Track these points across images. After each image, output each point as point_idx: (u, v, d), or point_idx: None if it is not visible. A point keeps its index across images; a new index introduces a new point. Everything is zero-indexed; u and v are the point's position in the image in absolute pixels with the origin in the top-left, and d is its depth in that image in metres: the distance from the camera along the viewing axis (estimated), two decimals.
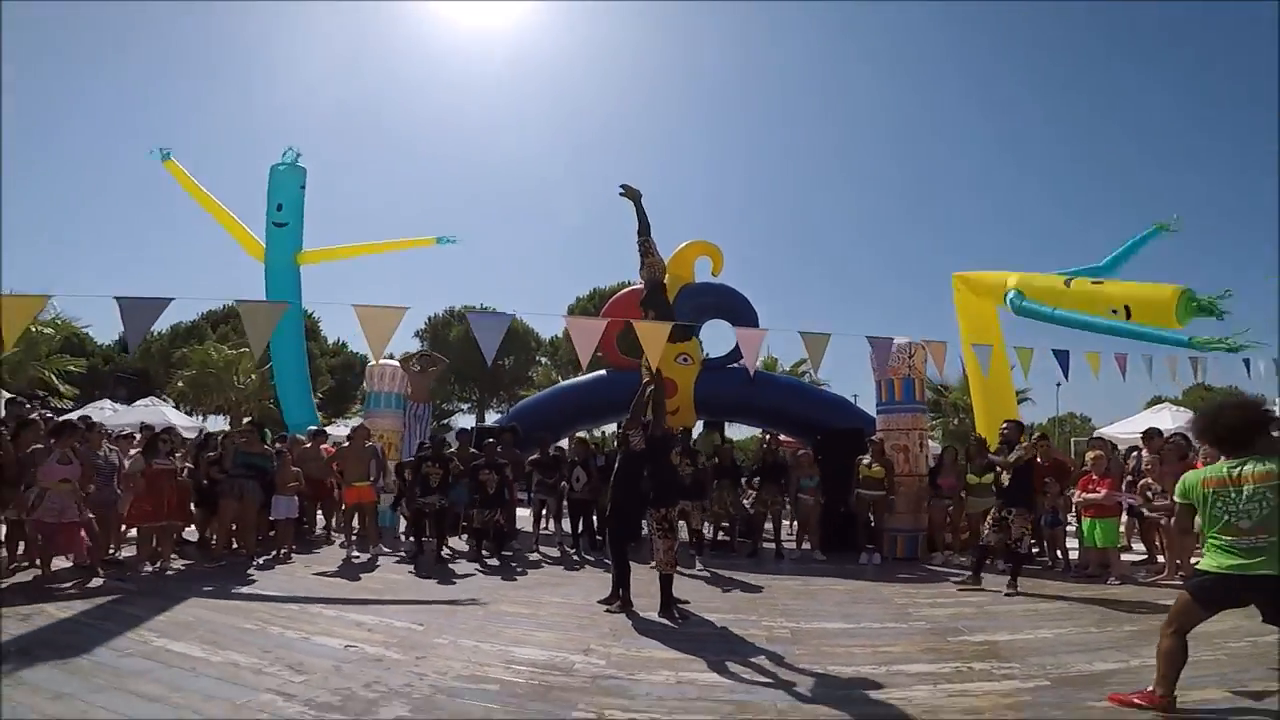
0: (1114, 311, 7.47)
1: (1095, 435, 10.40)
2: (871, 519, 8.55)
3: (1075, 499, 7.36)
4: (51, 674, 3.54)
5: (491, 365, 34.24)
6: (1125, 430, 11.37)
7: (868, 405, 10.41)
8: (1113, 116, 79.76)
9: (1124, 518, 7.98)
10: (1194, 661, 4.02)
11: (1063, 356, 6.84)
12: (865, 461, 8.42)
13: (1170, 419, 11.94)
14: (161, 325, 6.16)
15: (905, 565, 8.14)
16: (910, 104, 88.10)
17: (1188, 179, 74.59)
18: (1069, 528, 8.08)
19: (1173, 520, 6.23)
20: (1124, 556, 7.80)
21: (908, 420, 9.05)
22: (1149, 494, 7.04)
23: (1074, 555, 7.58)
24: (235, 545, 7.73)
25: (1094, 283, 8.08)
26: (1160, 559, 7.23)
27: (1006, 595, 6.31)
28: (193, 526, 7.80)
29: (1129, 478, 7.67)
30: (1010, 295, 8.73)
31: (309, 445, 9.30)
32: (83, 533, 5.96)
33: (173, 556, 6.91)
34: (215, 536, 7.67)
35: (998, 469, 6.95)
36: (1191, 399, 29.75)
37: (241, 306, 5.12)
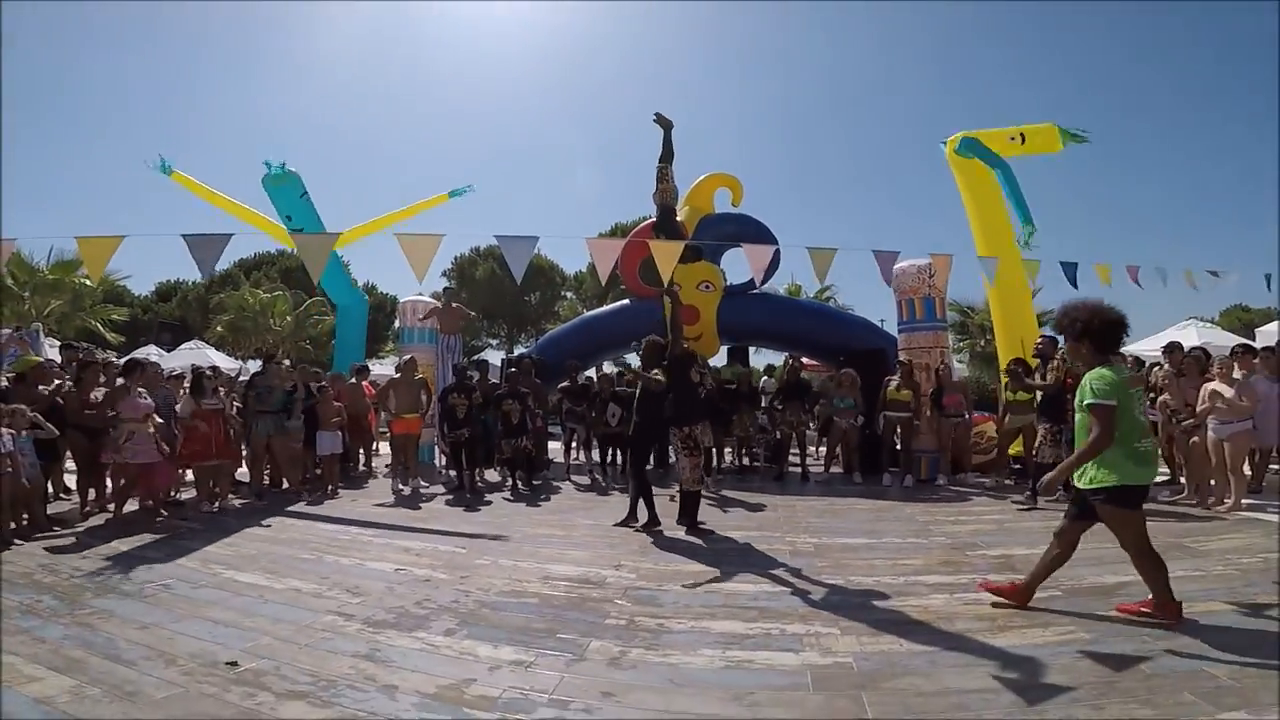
0: (1011, 139, 9.39)
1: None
2: (898, 441, 8.70)
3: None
4: (135, 606, 3.86)
5: (518, 300, 34.74)
6: (1150, 348, 11.17)
7: (895, 328, 10.44)
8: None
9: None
10: (1206, 574, 4.22)
11: (1070, 268, 6.71)
12: (893, 384, 8.50)
13: (1196, 335, 11.70)
14: (197, 273, 6.27)
15: (929, 485, 8.29)
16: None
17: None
18: None
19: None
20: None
21: (929, 339, 9.09)
22: (1168, 410, 7.00)
23: None
24: (285, 485, 8.09)
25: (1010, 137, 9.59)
26: (1182, 480, 7.18)
27: (1020, 509, 6.56)
28: (244, 466, 8.13)
29: (1150, 394, 7.63)
30: (960, 144, 9.41)
31: (353, 381, 9.56)
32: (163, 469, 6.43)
33: (230, 495, 7.28)
34: (252, 473, 7.94)
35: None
36: (1229, 320, 28.84)
37: (296, 239, 5.38)
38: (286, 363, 8.77)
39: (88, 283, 18.91)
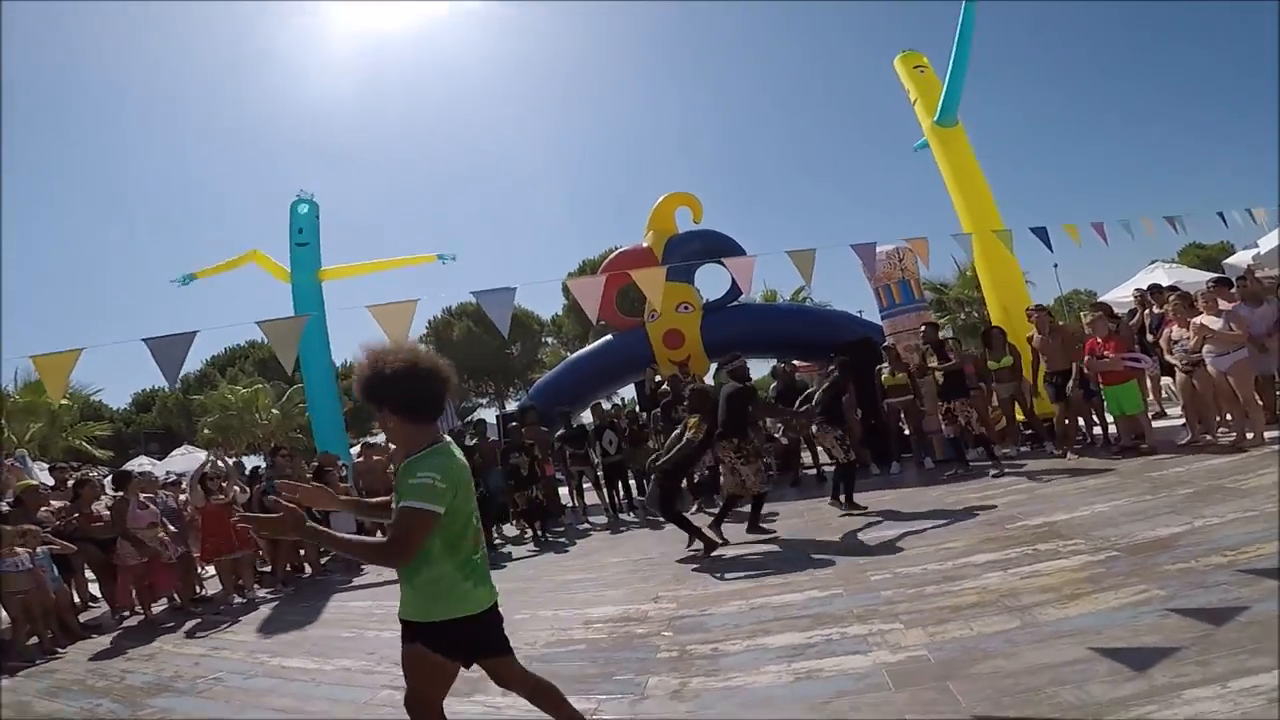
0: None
1: (1097, 302, 10.38)
2: (905, 427, 8.65)
3: (1085, 364, 7.31)
4: (193, 703, 3.79)
5: (500, 354, 34.53)
6: (1123, 295, 11.36)
7: (873, 317, 10.52)
8: None
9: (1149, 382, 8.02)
10: (1259, 513, 4.03)
11: (1041, 232, 6.85)
12: (885, 370, 8.47)
13: (1165, 276, 11.94)
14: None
15: (946, 464, 8.14)
16: None
17: None
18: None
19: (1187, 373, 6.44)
20: (1158, 421, 7.84)
21: (913, 320, 9.11)
22: (1173, 343, 6.76)
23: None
24: (309, 570, 7.99)
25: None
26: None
27: (994, 477, 6.75)
28: (263, 555, 8.02)
29: (1149, 338, 7.66)
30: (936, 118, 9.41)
31: (361, 459, 9.44)
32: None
33: (255, 585, 7.19)
34: (275, 563, 7.89)
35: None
36: (1187, 258, 29.79)
37: (264, 326, 5.21)
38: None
39: (64, 402, 18.59)
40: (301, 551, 7.98)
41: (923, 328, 8.03)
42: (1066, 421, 7.55)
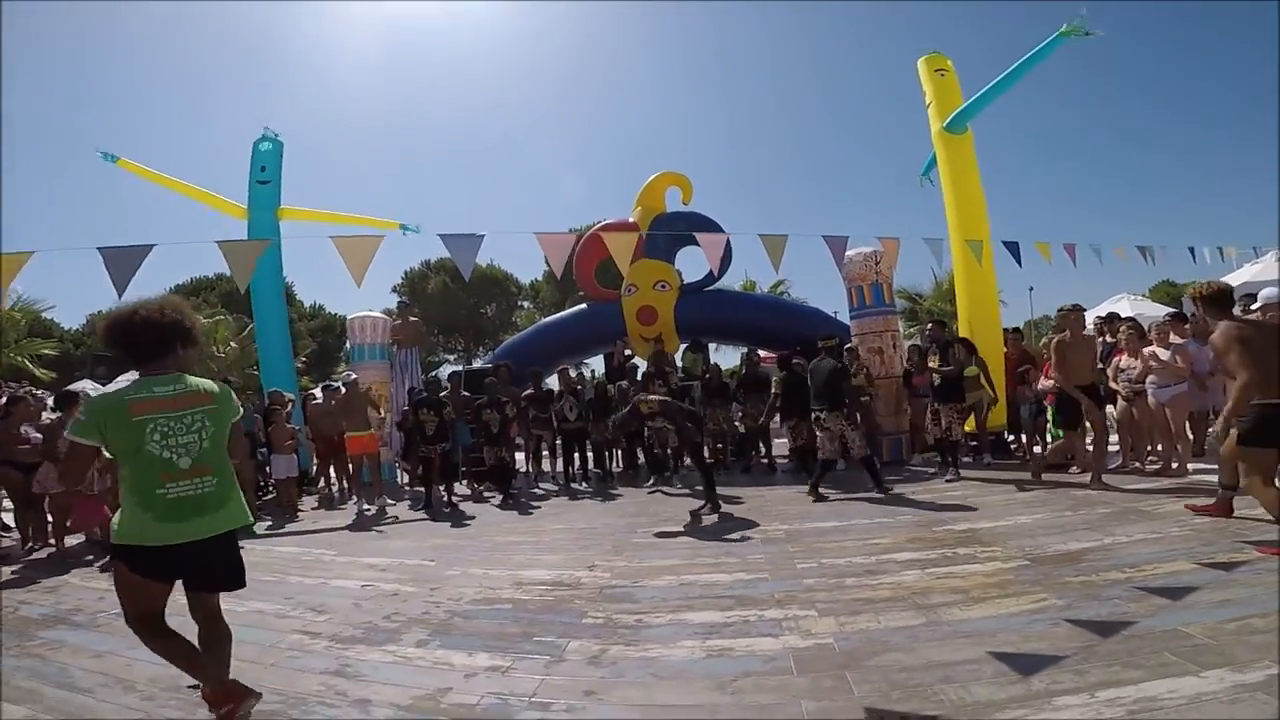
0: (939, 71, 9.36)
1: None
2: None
3: (1040, 385, 7.53)
4: (89, 636, 3.71)
5: (474, 311, 34.28)
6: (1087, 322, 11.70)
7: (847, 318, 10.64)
8: None
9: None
10: (1164, 536, 4.31)
11: (1013, 247, 7.00)
12: None
13: (1129, 307, 12.24)
14: (128, 299, 6.10)
15: (891, 467, 8.37)
16: None
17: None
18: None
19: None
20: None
21: (879, 323, 9.28)
22: (1120, 371, 6.97)
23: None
24: None
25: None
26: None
27: (948, 482, 6.94)
28: None
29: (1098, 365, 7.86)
30: (952, 120, 9.14)
31: (319, 401, 9.33)
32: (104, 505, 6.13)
33: None
34: None
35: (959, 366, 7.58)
36: (1158, 294, 30.45)
37: (224, 245, 5.11)
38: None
39: (13, 314, 17.93)
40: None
41: (929, 327, 8.10)
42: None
